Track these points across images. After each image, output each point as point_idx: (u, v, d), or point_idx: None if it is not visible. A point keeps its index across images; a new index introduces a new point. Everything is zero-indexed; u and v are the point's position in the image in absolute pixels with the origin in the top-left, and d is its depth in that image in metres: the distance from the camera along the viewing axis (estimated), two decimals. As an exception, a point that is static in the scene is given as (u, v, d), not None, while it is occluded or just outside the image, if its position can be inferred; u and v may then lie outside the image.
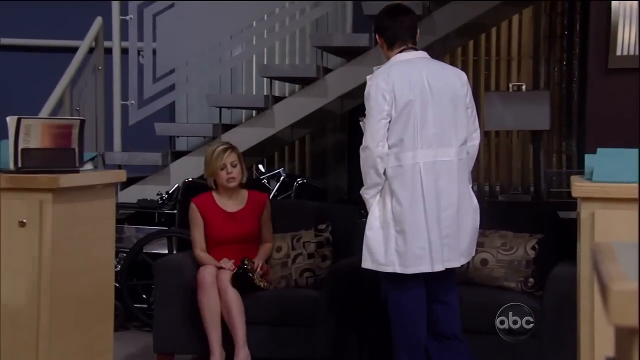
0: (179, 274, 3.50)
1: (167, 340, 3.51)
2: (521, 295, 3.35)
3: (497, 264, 3.45)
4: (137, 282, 4.39)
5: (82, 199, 2.35)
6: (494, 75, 5.81)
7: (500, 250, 3.46)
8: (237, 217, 3.58)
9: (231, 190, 3.59)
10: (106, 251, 2.54)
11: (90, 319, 2.44)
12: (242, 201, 3.61)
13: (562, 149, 5.70)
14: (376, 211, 2.70)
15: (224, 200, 3.61)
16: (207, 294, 3.35)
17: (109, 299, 2.54)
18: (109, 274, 2.56)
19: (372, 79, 2.77)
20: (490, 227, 3.55)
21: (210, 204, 3.59)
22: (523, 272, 3.43)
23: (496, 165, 5.81)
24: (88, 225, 2.40)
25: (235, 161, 3.56)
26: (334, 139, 6.14)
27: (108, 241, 2.54)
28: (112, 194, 2.52)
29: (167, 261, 3.62)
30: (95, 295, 2.46)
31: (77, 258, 2.35)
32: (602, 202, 2.25)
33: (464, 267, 3.40)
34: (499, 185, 5.77)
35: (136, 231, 4.46)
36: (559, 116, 5.63)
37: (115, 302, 4.19)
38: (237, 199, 3.61)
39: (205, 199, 3.62)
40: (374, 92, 2.72)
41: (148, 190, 4.69)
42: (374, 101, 2.72)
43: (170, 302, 3.50)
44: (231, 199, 3.61)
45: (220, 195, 3.62)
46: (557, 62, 5.66)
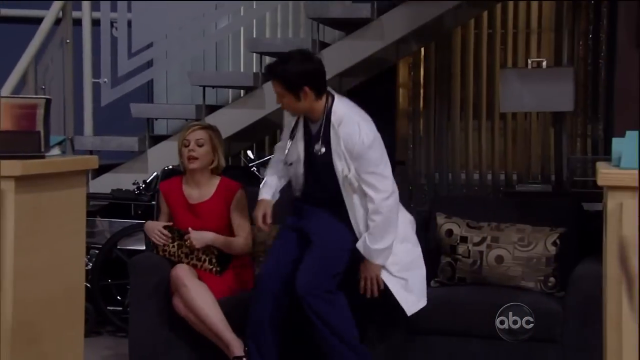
0: (157, 272, 3.50)
1: (145, 346, 3.52)
2: (540, 297, 3.37)
3: (513, 262, 3.45)
4: (111, 282, 4.39)
5: (48, 188, 2.34)
6: (510, 50, 5.80)
7: (517, 246, 3.47)
8: (198, 211, 3.51)
9: (199, 176, 3.51)
10: (76, 247, 2.53)
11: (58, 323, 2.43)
12: (210, 191, 3.54)
13: (587, 133, 5.69)
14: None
15: (190, 189, 3.54)
16: (193, 287, 3.30)
17: (79, 301, 2.53)
18: (79, 273, 2.55)
19: (360, 124, 3.19)
20: (506, 221, 3.57)
21: (176, 190, 3.56)
22: (543, 271, 3.44)
23: (513, 151, 5.80)
24: (55, 217, 2.39)
25: (202, 140, 3.50)
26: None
27: (78, 236, 2.53)
28: (83, 182, 2.52)
29: (144, 258, 3.62)
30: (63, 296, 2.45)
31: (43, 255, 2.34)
32: (631, 191, 2.24)
33: (476, 265, 3.41)
34: (515, 174, 5.78)
35: (110, 225, 4.46)
36: (584, 96, 5.62)
37: (86, 305, 4.24)
38: (204, 188, 3.54)
39: (172, 185, 3.58)
40: (375, 135, 3.20)
41: (123, 179, 4.68)
42: (379, 144, 3.22)
43: (147, 304, 3.50)
44: (198, 188, 3.54)
45: (187, 182, 3.56)
46: (582, 35, 5.65)
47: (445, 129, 5.89)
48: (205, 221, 3.50)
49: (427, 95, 5.92)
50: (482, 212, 3.68)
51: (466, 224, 3.58)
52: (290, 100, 3.22)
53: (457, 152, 5.86)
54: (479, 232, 3.54)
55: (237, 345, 3.24)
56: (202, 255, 3.44)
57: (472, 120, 5.83)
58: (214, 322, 3.27)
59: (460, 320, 3.30)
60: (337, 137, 3.21)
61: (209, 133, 3.53)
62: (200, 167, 3.49)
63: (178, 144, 3.55)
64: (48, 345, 2.37)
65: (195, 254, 3.43)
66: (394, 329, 3.32)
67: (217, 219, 3.52)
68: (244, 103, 4.82)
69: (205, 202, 3.53)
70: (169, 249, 3.45)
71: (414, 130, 5.95)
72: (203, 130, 3.53)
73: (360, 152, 3.18)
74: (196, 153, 3.48)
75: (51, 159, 2.43)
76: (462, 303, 3.34)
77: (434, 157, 5.91)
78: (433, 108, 5.89)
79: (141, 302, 3.51)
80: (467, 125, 5.84)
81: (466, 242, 3.52)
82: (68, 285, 2.47)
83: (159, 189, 3.58)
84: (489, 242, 3.49)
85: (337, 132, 3.21)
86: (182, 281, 3.33)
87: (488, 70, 5.80)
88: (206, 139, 3.51)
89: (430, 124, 5.92)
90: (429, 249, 3.67)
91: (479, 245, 3.51)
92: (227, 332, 3.26)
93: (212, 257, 3.45)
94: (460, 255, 3.52)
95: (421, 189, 5.92)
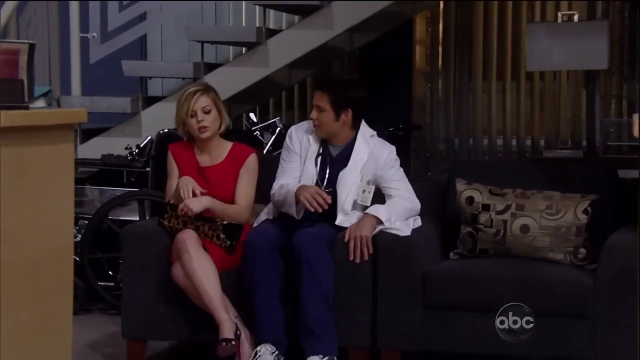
0: (152, 243, 3.49)
1: (138, 324, 3.52)
2: (569, 270, 3.36)
3: (540, 232, 3.44)
4: (102, 256, 4.41)
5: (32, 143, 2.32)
6: (538, 2, 5.74)
7: (544, 214, 3.45)
8: (209, 174, 3.54)
9: (208, 142, 3.56)
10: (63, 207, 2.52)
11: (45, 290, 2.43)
12: (221, 155, 3.58)
13: (623, 94, 5.65)
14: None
15: (201, 153, 3.60)
16: (196, 256, 3.31)
17: (67, 267, 2.52)
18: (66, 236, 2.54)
19: (389, 145, 3.60)
20: (533, 187, 3.55)
21: (187, 152, 3.59)
22: (572, 241, 3.43)
23: (540, 114, 5.78)
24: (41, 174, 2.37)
25: (208, 106, 3.52)
26: (342, 82, 6.07)
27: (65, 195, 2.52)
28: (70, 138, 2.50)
29: (138, 228, 3.61)
30: (50, 261, 2.45)
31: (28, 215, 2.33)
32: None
33: (499, 235, 3.43)
34: (543, 139, 5.76)
35: (100, 193, 4.47)
36: (619, 53, 5.57)
37: (75, 280, 4.27)
38: (215, 153, 3.58)
39: (184, 147, 3.62)
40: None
41: (114, 143, 4.69)
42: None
43: (141, 278, 3.50)
44: (209, 152, 3.59)
45: (199, 147, 3.61)
46: (617, -15, 5.59)
47: (466, 90, 5.86)
48: (214, 186, 3.53)
49: (446, 53, 5.88)
50: (506, 177, 3.66)
51: (488, 190, 3.56)
52: (328, 117, 3.49)
53: (478, 115, 5.83)
54: (503, 199, 3.52)
55: (228, 326, 3.27)
56: (209, 232, 3.45)
57: (495, 81, 5.80)
58: (210, 297, 3.28)
59: (482, 296, 3.29)
60: (365, 151, 3.52)
61: (211, 97, 3.55)
62: (212, 135, 3.53)
63: (179, 114, 3.53)
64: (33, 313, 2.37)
65: (202, 229, 3.43)
66: (409, 305, 3.32)
67: (226, 184, 3.55)
68: (246, 61, 4.81)
69: (216, 166, 3.56)
70: (175, 225, 3.45)
71: (432, 92, 5.93)
72: (206, 95, 3.54)
73: (387, 161, 3.51)
74: (206, 122, 3.51)
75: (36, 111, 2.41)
76: (483, 277, 3.32)
77: (454, 121, 5.89)
78: (453, 67, 5.86)
79: (134, 276, 3.51)
80: (490, 86, 5.80)
81: (488, 211, 3.51)
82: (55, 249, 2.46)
83: (169, 151, 3.59)
84: (514, 210, 3.48)
85: (367, 140, 3.53)
86: (186, 247, 3.33)
87: (513, 25, 5.75)
88: (211, 104, 3.53)
89: (449, 84, 5.90)
90: (447, 218, 3.68)
91: (502, 214, 3.49)
92: (221, 310, 3.28)
93: (219, 232, 3.45)
94: (482, 225, 3.51)
95: (439, 156, 5.92)
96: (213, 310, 3.29)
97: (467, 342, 3.30)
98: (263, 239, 3.37)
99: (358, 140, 3.54)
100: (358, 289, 3.37)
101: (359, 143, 3.54)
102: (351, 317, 3.37)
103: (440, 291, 3.31)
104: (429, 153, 5.93)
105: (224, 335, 3.26)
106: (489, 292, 3.28)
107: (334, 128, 3.51)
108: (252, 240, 3.37)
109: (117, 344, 3.67)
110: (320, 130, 3.52)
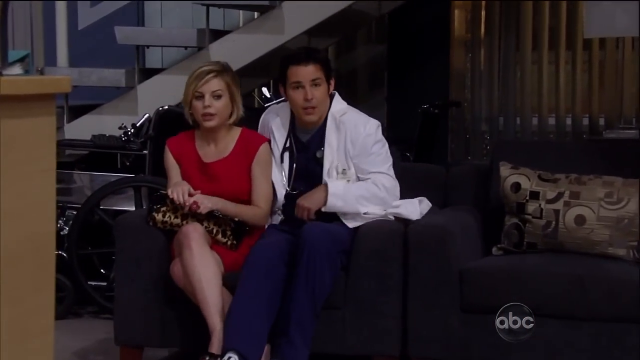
0: (149, 237, 3.49)
1: (134, 329, 3.53)
2: (633, 267, 3.34)
3: (598, 223, 3.43)
4: (93, 251, 4.42)
5: (6, 115, 2.32)
6: (598, -41, 5.70)
7: (603, 203, 3.45)
8: (214, 171, 3.52)
9: (215, 131, 3.52)
10: (44, 190, 2.52)
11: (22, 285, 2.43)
12: (228, 147, 3.55)
13: (696, 64, 5.61)
14: None
15: (205, 145, 3.56)
16: (199, 253, 3.29)
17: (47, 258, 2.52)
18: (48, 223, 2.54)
19: (366, 116, 3.58)
20: (590, 172, 3.54)
21: (187, 147, 3.57)
22: (636, 235, 3.42)
23: (600, 89, 5.75)
24: (17, 152, 2.37)
25: (219, 91, 3.48)
26: (368, 52, 6.11)
27: (47, 175, 2.52)
28: (52, 110, 2.49)
29: (133, 219, 3.61)
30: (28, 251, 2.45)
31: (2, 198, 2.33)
32: None
33: (550, 228, 3.44)
34: (603, 117, 5.75)
35: (90, 180, 4.49)
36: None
37: (62, 279, 4.32)
38: (222, 144, 3.55)
39: (182, 141, 3.59)
40: (380, 131, 3.58)
41: (107, 122, 4.71)
42: (384, 143, 3.58)
43: (137, 276, 3.50)
44: (214, 143, 3.55)
45: (201, 136, 3.57)
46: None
47: (512, 61, 5.85)
48: (222, 184, 3.50)
49: (489, 18, 5.85)
50: (559, 161, 3.66)
51: (538, 175, 3.55)
52: (324, 93, 3.49)
53: (527, 90, 5.81)
54: (554, 185, 3.51)
55: (217, 341, 3.25)
56: (214, 227, 3.44)
57: (547, 51, 5.77)
58: (207, 301, 3.28)
59: (530, 297, 3.28)
60: (338, 132, 3.48)
61: (225, 80, 3.50)
62: (218, 124, 3.50)
63: (187, 93, 3.51)
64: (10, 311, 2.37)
65: (205, 224, 3.42)
66: (445, 307, 3.32)
67: (235, 179, 3.52)
68: (259, 27, 4.80)
69: (222, 161, 3.53)
70: (170, 220, 3.44)
71: (473, 64, 5.92)
72: (219, 78, 3.49)
73: (364, 145, 3.47)
74: (213, 108, 3.47)
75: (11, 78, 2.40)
76: (531, 275, 3.32)
77: (498, 98, 5.88)
78: (497, 35, 5.85)
79: (129, 274, 3.52)
80: (541, 56, 5.78)
81: (538, 199, 3.50)
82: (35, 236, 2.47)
83: (167, 147, 3.57)
84: (567, 198, 3.47)
85: (339, 124, 3.49)
86: (189, 241, 3.31)
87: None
88: (224, 89, 3.49)
89: (493, 55, 5.88)
90: (490, 208, 3.68)
91: (553, 203, 3.48)
92: (215, 318, 3.26)
93: (227, 228, 3.44)
94: (530, 216, 3.50)
95: (481, 138, 5.92)
96: (207, 316, 3.28)
97: (513, 351, 3.28)
98: (268, 248, 3.38)
99: (329, 120, 3.51)
100: (385, 289, 3.36)
101: (330, 124, 3.51)
102: (377, 321, 3.37)
103: (481, 292, 3.31)
104: (469, 134, 5.93)
105: (211, 348, 3.25)
106: (538, 294, 3.28)
107: (326, 102, 3.52)
108: (257, 250, 3.38)
109: (110, 352, 3.68)
110: (316, 113, 3.49)
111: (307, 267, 3.28)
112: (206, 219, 3.44)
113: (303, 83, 3.44)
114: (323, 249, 3.30)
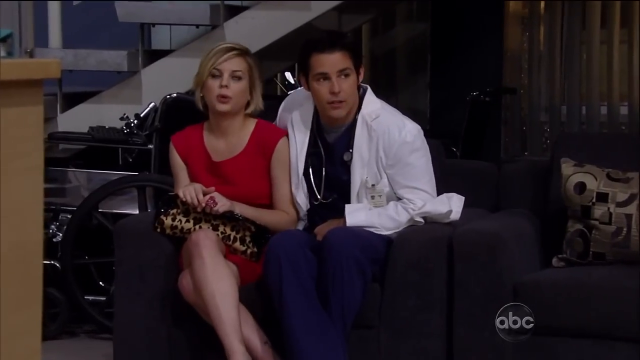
0: (154, 245, 3.51)
1: (136, 350, 3.55)
2: None
3: (677, 230, 3.44)
4: (90, 261, 4.45)
5: (-12, 104, 2.34)
6: None
7: (683, 206, 3.44)
8: (224, 171, 3.54)
9: (228, 122, 3.54)
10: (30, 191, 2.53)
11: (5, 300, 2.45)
12: (241, 142, 3.56)
13: None
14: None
15: (214, 140, 3.58)
16: (212, 264, 3.30)
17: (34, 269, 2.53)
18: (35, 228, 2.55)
19: (404, 120, 3.56)
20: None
21: (194, 143, 3.59)
22: None
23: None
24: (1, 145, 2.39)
25: (240, 72, 3.51)
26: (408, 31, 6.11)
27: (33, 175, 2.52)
28: (39, 98, 2.50)
29: (136, 224, 3.64)
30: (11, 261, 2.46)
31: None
32: None
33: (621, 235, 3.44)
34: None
35: (88, 179, 4.52)
36: None
37: (55, 293, 4.32)
38: (234, 138, 3.57)
39: (189, 136, 3.61)
40: (422, 138, 3.56)
41: (106, 112, 4.73)
42: (426, 150, 3.57)
43: (140, 290, 3.52)
44: (225, 138, 3.57)
45: (211, 129, 3.59)
46: None
47: (577, 41, 5.84)
48: (236, 186, 3.52)
49: (551, -9, 5.85)
50: (631, 157, 3.66)
51: (606, 174, 3.56)
52: (353, 82, 3.49)
53: (594, 75, 5.81)
54: (626, 186, 3.51)
55: (241, 356, 3.26)
56: (231, 232, 3.46)
57: (619, 29, 5.76)
58: (223, 319, 3.28)
59: (597, 317, 3.29)
60: (369, 139, 3.49)
61: (248, 62, 3.54)
62: (232, 111, 3.52)
63: (201, 72, 3.54)
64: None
65: (221, 229, 3.44)
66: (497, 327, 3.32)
67: (250, 178, 3.55)
68: (282, 3, 4.80)
69: (235, 158, 3.56)
70: (181, 225, 3.45)
71: (531, 44, 5.92)
72: (241, 57, 3.53)
73: (399, 154, 3.46)
74: (230, 90, 3.49)
75: (-8, 61, 2.43)
76: (598, 290, 3.32)
77: (560, 83, 5.87)
78: (560, 10, 5.84)
79: (132, 288, 3.54)
80: (612, 36, 5.77)
81: (606, 202, 3.50)
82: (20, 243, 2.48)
83: (172, 144, 3.60)
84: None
85: (370, 129, 3.49)
86: (200, 250, 3.32)
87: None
88: (244, 71, 3.52)
89: (554, 34, 5.87)
90: (550, 212, 3.68)
91: (625, 206, 3.49)
92: (233, 338, 3.27)
93: (246, 234, 3.46)
94: (598, 221, 3.51)
95: (540, 129, 5.93)
96: (223, 337, 3.29)
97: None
98: (290, 239, 3.40)
99: (359, 122, 3.51)
100: (428, 305, 3.38)
101: (360, 128, 3.51)
102: (418, 341, 3.39)
103: (540, 309, 3.31)
104: (526, 126, 5.93)
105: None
106: (607, 313, 3.28)
107: (355, 95, 3.53)
108: (277, 241, 3.40)
109: (109, 375, 3.71)
110: (344, 107, 3.49)
111: (334, 276, 3.28)
112: (222, 223, 3.46)
113: (329, 74, 3.43)
114: (351, 254, 3.29)
